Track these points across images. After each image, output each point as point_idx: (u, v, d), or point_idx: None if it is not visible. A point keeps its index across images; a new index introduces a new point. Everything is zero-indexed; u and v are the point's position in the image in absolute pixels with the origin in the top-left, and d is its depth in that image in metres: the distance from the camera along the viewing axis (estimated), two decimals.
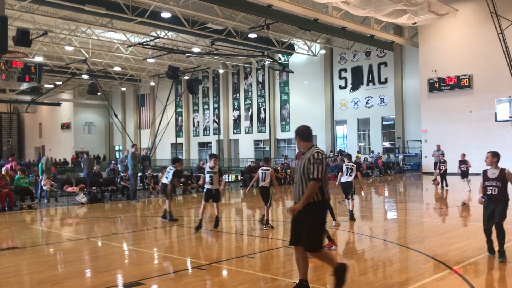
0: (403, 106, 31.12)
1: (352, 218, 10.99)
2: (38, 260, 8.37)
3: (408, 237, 9.50)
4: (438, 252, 7.55)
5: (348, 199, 11.12)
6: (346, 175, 10.94)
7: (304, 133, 5.33)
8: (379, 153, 31.37)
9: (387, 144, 32.93)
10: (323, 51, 34.29)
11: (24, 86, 32.93)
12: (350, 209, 11.06)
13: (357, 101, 33.40)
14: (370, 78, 32.77)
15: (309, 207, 5.00)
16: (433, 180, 20.12)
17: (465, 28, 26.25)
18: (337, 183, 11.33)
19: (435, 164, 20.23)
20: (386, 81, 31.97)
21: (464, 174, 17.94)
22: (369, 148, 33.33)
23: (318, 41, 31.35)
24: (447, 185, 18.60)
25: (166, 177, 11.71)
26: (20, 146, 58.41)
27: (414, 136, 30.30)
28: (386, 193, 19.45)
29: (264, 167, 10.41)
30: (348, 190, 11.01)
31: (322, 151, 5.17)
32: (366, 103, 32.94)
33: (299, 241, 5.11)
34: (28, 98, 43.60)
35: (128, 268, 7.46)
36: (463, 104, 26.42)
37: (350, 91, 33.77)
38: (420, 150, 29.23)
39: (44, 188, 16.40)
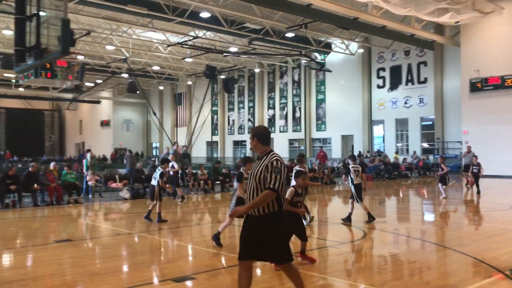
0: (443, 107, 30.46)
1: (348, 219, 10.83)
2: (90, 253, 8.70)
3: (453, 239, 9.35)
4: (487, 256, 7.42)
5: (358, 201, 10.97)
6: (356, 177, 10.92)
7: (264, 136, 4.77)
8: (414, 151, 30.82)
9: (425, 145, 32.33)
10: (361, 50, 33.95)
11: (67, 84, 34.00)
12: (350, 211, 10.94)
13: (396, 101, 32.91)
14: (409, 78, 32.23)
15: (267, 219, 4.56)
16: (466, 184, 19.44)
17: (510, 27, 25.46)
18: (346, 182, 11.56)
19: (466, 166, 19.54)
20: (425, 80, 31.38)
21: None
22: (407, 149, 32.80)
23: (356, 40, 31.07)
24: (478, 192, 17.03)
25: (154, 178, 11.40)
26: (61, 142, 60.26)
27: (454, 137, 29.62)
28: (425, 195, 19.12)
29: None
30: (358, 192, 10.92)
31: (282, 159, 4.66)
32: (405, 103, 32.42)
33: (249, 256, 4.68)
34: (69, 96, 44.97)
35: (177, 262, 7.65)
36: (507, 105, 25.65)
37: (388, 90, 33.32)
38: (460, 152, 28.50)
39: (89, 183, 16.92)
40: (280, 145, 40.55)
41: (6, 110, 54.20)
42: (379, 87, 33.87)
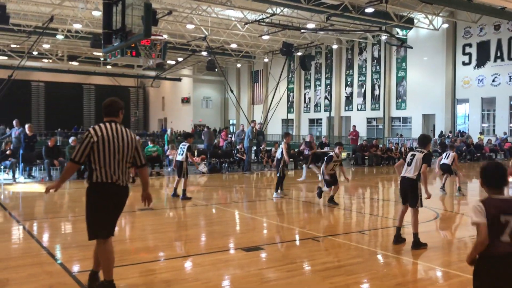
0: None
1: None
2: (170, 221, 9.35)
3: None
4: None
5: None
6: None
7: (104, 107, 4.88)
8: (505, 133, 28.99)
9: None
10: (445, 25, 32.18)
11: (150, 62, 35.65)
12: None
13: (482, 79, 31.00)
14: (499, 54, 30.13)
15: (86, 190, 4.63)
16: None
17: None
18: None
19: None
20: None
21: None
22: (494, 130, 30.94)
23: (440, 14, 29.48)
24: None
25: (180, 154, 11.04)
26: (145, 118, 63.43)
27: None
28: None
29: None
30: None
31: (94, 129, 4.63)
32: (493, 81, 30.45)
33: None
34: (152, 73, 47.09)
35: (248, 233, 8.04)
36: None
37: (475, 67, 31.42)
38: None
39: (170, 157, 17.86)
40: (358, 124, 39.68)
41: (96, 86, 57.84)
42: (464, 64, 32.04)
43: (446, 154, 12.56)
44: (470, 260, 3.30)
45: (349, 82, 40.90)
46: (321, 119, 43.63)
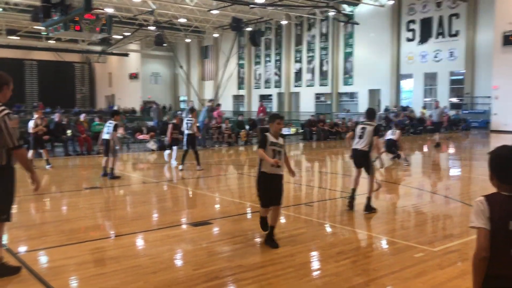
0: (474, 61, 29.63)
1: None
2: (117, 199, 9.29)
3: (471, 193, 9.53)
4: None
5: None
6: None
7: None
8: (445, 107, 30.34)
9: (454, 100, 31.76)
10: (391, 2, 32.94)
11: (96, 37, 34.44)
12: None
13: (425, 55, 32.15)
14: (440, 31, 31.29)
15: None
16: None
17: None
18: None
19: (436, 125, 19.26)
20: (457, 34, 30.42)
21: None
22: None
23: None
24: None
25: (107, 133, 10.88)
26: (92, 95, 61.47)
27: (484, 93, 28.98)
28: (451, 151, 19.08)
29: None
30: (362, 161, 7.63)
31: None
32: (435, 56, 31.65)
33: None
34: (98, 48, 45.49)
35: (196, 209, 8.15)
36: None
37: (418, 44, 32.49)
38: (489, 107, 28.01)
39: (118, 135, 17.53)
40: (307, 99, 40.46)
41: (38, 62, 55.30)
42: (408, 40, 33.06)
43: (392, 131, 13.85)
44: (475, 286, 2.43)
45: (298, 58, 41.25)
46: (271, 95, 43.91)
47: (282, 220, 7.08)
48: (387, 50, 33.86)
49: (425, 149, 19.29)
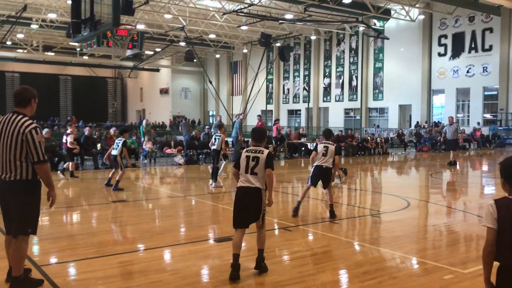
0: (508, 76, 28.86)
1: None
2: (142, 213, 9.34)
3: None
4: None
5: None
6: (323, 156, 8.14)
7: (13, 96, 4.65)
8: (478, 123, 29.60)
9: (488, 116, 30.95)
10: (422, 16, 32.57)
11: (128, 53, 35.32)
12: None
13: (457, 70, 31.53)
14: (473, 45, 30.67)
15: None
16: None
17: None
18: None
19: (450, 142, 17.84)
20: (490, 48, 29.75)
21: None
22: (468, 120, 31.57)
23: (417, 5, 29.81)
24: None
25: (115, 149, 11.31)
26: (123, 109, 62.75)
27: None
28: (485, 168, 18.52)
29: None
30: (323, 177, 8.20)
31: None
32: (467, 72, 31.01)
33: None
34: (130, 64, 46.54)
35: (221, 224, 8.09)
36: None
37: (450, 58, 31.92)
38: None
39: (145, 148, 17.78)
40: (336, 114, 40.18)
41: (72, 77, 56.92)
42: (440, 55, 32.53)
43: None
44: (485, 276, 3.01)
45: (327, 73, 41.11)
46: (300, 110, 43.81)
47: (307, 237, 6.95)
48: (417, 65, 33.39)
49: (457, 166, 18.79)
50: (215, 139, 12.33)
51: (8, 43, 38.72)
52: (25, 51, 42.29)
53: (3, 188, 4.47)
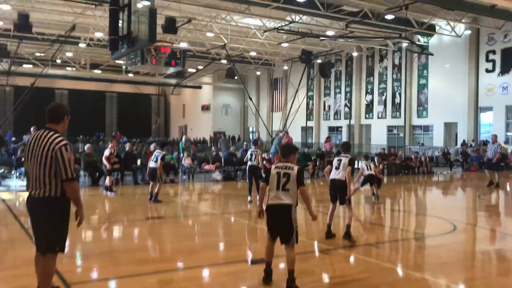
0: None
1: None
2: (178, 230, 9.24)
3: None
4: None
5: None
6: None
7: (46, 112, 4.59)
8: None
9: None
10: (468, 32, 31.55)
11: (171, 70, 36.04)
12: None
13: (507, 86, 30.20)
14: None
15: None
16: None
17: None
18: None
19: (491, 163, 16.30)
20: None
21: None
22: None
23: (463, 20, 28.92)
24: None
25: (154, 161, 11.62)
26: (166, 125, 63.89)
27: None
28: None
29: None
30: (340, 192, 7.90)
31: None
32: None
33: None
34: (173, 81, 47.43)
35: (257, 244, 7.86)
36: None
37: (499, 75, 30.65)
38: None
39: (184, 164, 17.85)
40: (378, 132, 39.33)
41: (118, 94, 58.55)
42: (488, 71, 31.30)
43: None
44: None
45: (369, 90, 40.42)
46: (341, 127, 43.19)
47: (346, 262, 6.62)
48: (464, 82, 32.27)
49: (508, 188, 17.83)
50: (251, 154, 12.35)
51: (58, 61, 40.35)
52: (74, 69, 43.87)
53: (33, 204, 4.45)
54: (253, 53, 40.28)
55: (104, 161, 13.35)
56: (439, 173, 22.99)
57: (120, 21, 7.81)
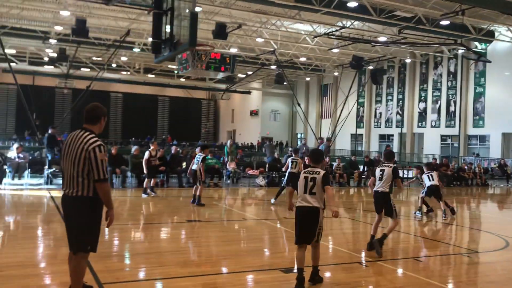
0: None
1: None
2: (217, 234, 9.21)
3: None
4: None
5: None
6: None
7: (84, 112, 4.60)
8: None
9: None
10: None
11: (220, 75, 36.49)
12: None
13: None
14: None
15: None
16: None
17: None
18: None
19: None
20: None
21: None
22: None
23: None
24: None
25: (195, 163, 11.78)
26: (216, 130, 64.72)
27: None
28: None
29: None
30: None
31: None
32: None
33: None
34: (223, 86, 47.98)
35: (292, 253, 7.69)
36: None
37: None
38: None
39: (229, 169, 17.91)
40: (431, 141, 38.01)
41: (170, 98, 59.95)
42: None
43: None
44: None
45: (422, 97, 39.17)
46: (392, 135, 42.07)
47: (382, 275, 6.34)
48: None
49: None
50: (292, 162, 12.38)
51: (113, 65, 41.82)
52: (128, 73, 45.31)
53: (66, 203, 4.53)
54: (302, 59, 40.08)
55: (143, 162, 13.49)
56: (495, 186, 21.87)
57: (167, 26, 7.93)
